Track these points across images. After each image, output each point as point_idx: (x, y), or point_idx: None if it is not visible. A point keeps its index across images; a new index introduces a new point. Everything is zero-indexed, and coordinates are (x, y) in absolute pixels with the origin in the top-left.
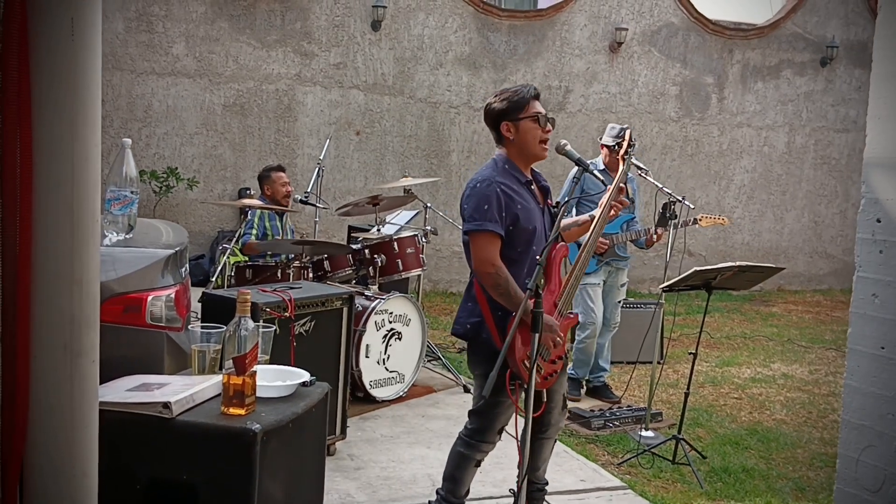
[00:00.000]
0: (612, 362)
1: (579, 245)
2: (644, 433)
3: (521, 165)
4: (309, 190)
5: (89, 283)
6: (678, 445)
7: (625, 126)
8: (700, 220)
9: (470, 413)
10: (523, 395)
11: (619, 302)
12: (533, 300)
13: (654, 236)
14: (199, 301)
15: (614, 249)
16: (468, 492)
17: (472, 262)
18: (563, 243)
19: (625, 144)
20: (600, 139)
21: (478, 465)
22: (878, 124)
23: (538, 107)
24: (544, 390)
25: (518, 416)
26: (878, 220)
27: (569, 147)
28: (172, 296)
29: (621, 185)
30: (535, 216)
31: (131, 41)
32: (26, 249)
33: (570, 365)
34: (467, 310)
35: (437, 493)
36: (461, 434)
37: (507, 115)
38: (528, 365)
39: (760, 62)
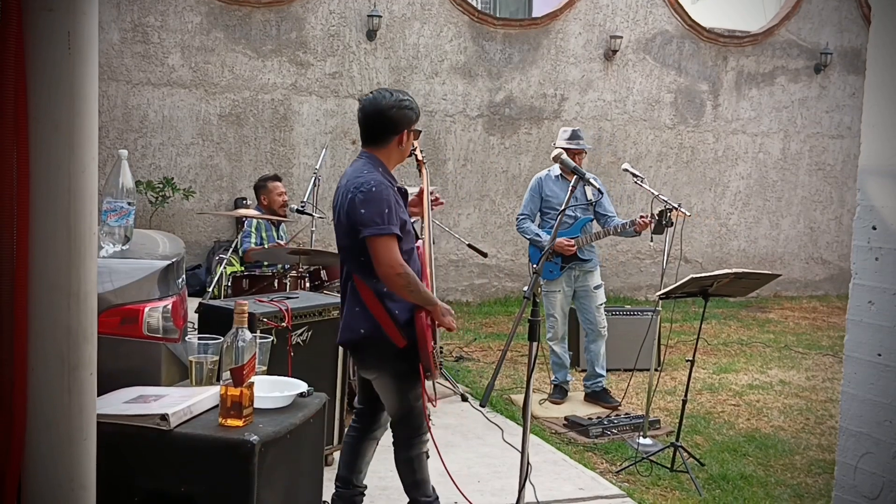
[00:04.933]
0: (609, 370)
1: (541, 251)
2: (642, 441)
3: (391, 168)
4: (305, 199)
5: (86, 295)
6: (676, 453)
7: (577, 129)
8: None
9: (399, 421)
10: (428, 383)
11: (600, 305)
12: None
13: (642, 220)
14: (195, 311)
15: (576, 253)
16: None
17: (377, 268)
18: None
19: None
20: (554, 144)
21: (427, 455)
22: (873, 132)
23: None
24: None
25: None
26: (874, 228)
27: (564, 156)
28: (169, 307)
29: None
30: (409, 219)
31: (127, 52)
32: (23, 262)
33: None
34: (356, 315)
35: (416, 500)
36: (402, 444)
37: (411, 124)
38: (436, 356)
39: (755, 69)
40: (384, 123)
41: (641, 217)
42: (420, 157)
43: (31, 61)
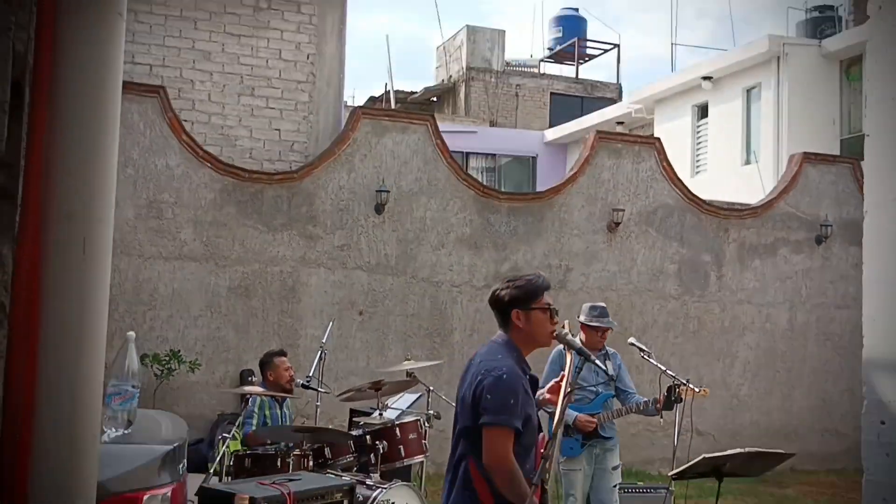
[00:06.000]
0: None
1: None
2: None
3: (525, 353)
4: (311, 374)
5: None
6: None
7: (600, 304)
8: (681, 393)
9: None
10: None
11: (615, 486)
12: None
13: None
14: (195, 494)
15: (598, 430)
16: None
17: (484, 454)
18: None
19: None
20: (577, 318)
21: None
22: (874, 325)
23: (548, 298)
24: None
25: None
26: (883, 423)
27: (570, 336)
28: (169, 494)
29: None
30: (535, 411)
31: (140, 227)
32: (24, 466)
33: None
34: (465, 497)
35: None
36: None
37: (518, 304)
38: None
39: (756, 240)
40: (497, 306)
41: (664, 395)
42: (566, 339)
43: (44, 267)
